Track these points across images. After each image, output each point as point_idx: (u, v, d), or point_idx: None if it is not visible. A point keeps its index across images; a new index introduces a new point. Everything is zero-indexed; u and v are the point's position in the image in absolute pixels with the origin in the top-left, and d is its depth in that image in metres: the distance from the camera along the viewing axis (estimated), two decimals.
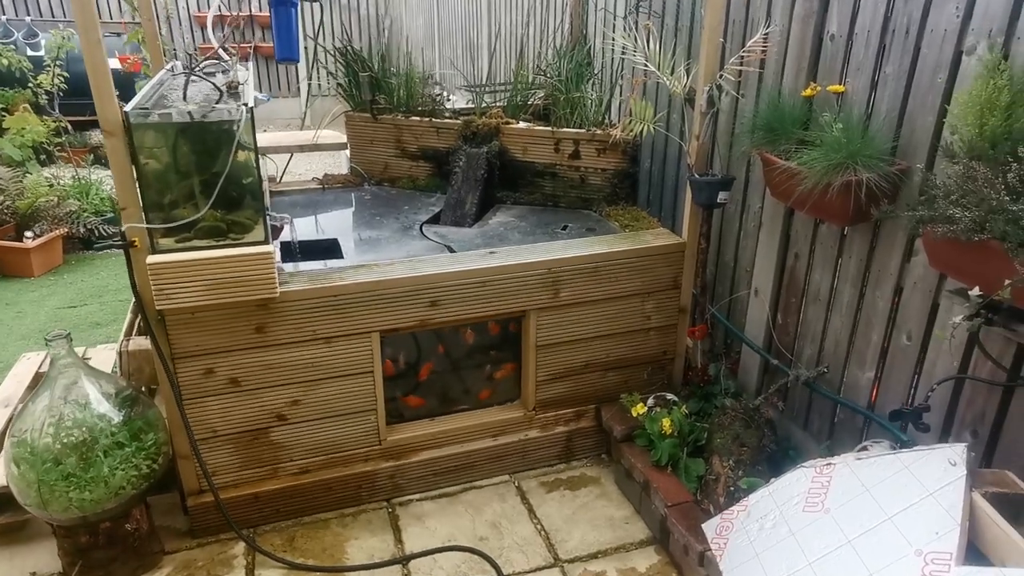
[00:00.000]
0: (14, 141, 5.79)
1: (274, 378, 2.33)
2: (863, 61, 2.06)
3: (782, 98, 2.28)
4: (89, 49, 1.83)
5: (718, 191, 2.41)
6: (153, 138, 2.00)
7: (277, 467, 2.46)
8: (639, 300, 2.68)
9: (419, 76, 3.35)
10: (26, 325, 4.14)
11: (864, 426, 2.26)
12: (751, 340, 2.67)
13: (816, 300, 2.38)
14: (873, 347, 2.17)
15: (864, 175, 1.88)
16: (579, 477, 2.76)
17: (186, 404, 2.25)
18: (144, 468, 2.14)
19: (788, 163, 2.07)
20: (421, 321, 2.43)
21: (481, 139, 3.11)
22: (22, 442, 2.03)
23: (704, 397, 2.71)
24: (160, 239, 2.08)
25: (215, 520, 2.38)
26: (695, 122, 2.45)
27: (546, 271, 2.50)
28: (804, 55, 2.26)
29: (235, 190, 2.12)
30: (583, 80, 3.20)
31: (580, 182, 3.08)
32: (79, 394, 2.09)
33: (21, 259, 4.86)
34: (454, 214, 2.98)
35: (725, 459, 2.38)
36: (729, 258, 2.80)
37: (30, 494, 2.03)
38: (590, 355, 2.71)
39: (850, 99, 2.11)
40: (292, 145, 3.35)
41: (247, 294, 2.13)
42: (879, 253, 2.10)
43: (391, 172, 3.36)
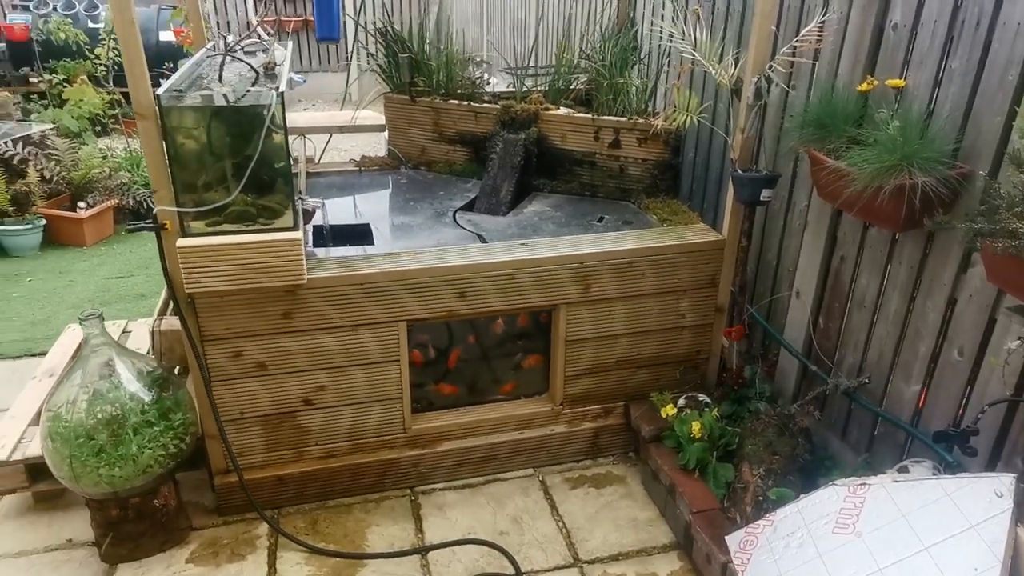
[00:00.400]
0: (72, 112, 5.96)
1: (301, 363, 2.34)
2: (927, 54, 1.91)
3: (835, 92, 2.15)
4: (122, 29, 1.83)
5: (762, 188, 2.30)
6: (185, 121, 2.00)
7: (302, 450, 2.48)
8: (674, 298, 2.59)
9: (459, 58, 3.29)
10: (76, 294, 4.27)
11: (906, 442, 2.15)
12: (790, 344, 2.56)
13: (861, 306, 2.26)
14: (921, 360, 2.05)
15: (920, 179, 1.75)
16: (604, 475, 2.71)
17: (214, 386, 2.28)
18: (172, 447, 2.17)
19: (837, 163, 1.95)
20: (449, 312, 2.40)
21: (519, 125, 3.04)
22: (56, 417, 2.08)
23: (738, 400, 2.62)
24: (191, 222, 2.08)
25: (241, 499, 2.41)
26: (740, 115, 2.34)
27: (578, 265, 2.44)
28: (863, 46, 2.12)
29: (266, 174, 2.11)
30: (628, 65, 3.09)
31: (619, 172, 2.99)
32: (111, 372, 2.13)
33: (75, 228, 5.01)
34: (488, 202, 2.93)
35: (755, 467, 2.29)
36: (771, 257, 2.69)
37: (63, 468, 2.08)
38: (621, 352, 2.64)
39: (910, 95, 1.97)
40: (331, 126, 3.33)
41: (275, 280, 2.13)
42: (932, 261, 1.97)
43: (428, 156, 3.32)
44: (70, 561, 2.29)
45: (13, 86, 7.57)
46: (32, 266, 4.68)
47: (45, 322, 3.91)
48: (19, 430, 2.52)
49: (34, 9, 7.87)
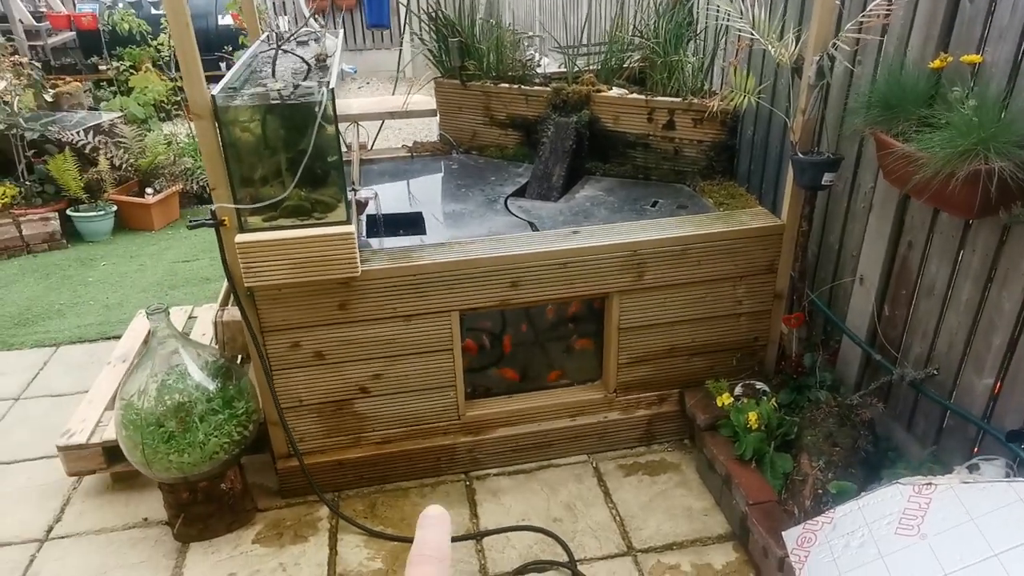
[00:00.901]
0: (138, 99, 6.17)
1: (356, 353, 2.39)
2: (1007, 27, 1.78)
3: (904, 70, 2.03)
4: (178, 33, 1.86)
5: (823, 172, 2.21)
6: (239, 120, 2.04)
7: (360, 436, 2.54)
8: (730, 284, 2.53)
9: (510, 40, 3.24)
10: (146, 278, 4.45)
11: (977, 437, 2.05)
12: (853, 331, 2.48)
13: (930, 294, 2.16)
14: (995, 352, 1.95)
15: (997, 164, 1.64)
16: (659, 462, 2.70)
17: (274, 375, 2.35)
18: (236, 435, 2.26)
19: (905, 146, 1.85)
20: (501, 301, 2.40)
21: (571, 108, 2.98)
22: (128, 405, 2.19)
23: (797, 389, 2.55)
24: (248, 218, 2.13)
25: (303, 483, 2.50)
26: (801, 95, 2.24)
27: (631, 253, 2.40)
28: (936, 20, 1.99)
29: (319, 168, 2.14)
30: (683, 42, 2.99)
31: (674, 154, 2.92)
32: (178, 363, 2.22)
33: (143, 214, 5.21)
34: (540, 187, 2.90)
35: (815, 459, 2.24)
36: (833, 240, 2.59)
37: (136, 454, 2.19)
38: (675, 339, 2.60)
39: (987, 72, 1.84)
40: (383, 112, 3.35)
41: (330, 273, 2.17)
42: (1010, 249, 1.86)
43: (479, 140, 3.31)
44: (146, 539, 2.42)
45: (84, 74, 7.87)
46: (105, 251, 4.90)
47: (118, 306, 4.10)
48: (96, 414, 2.66)
49: None
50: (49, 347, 3.70)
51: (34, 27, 7.97)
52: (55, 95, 5.75)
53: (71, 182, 4.94)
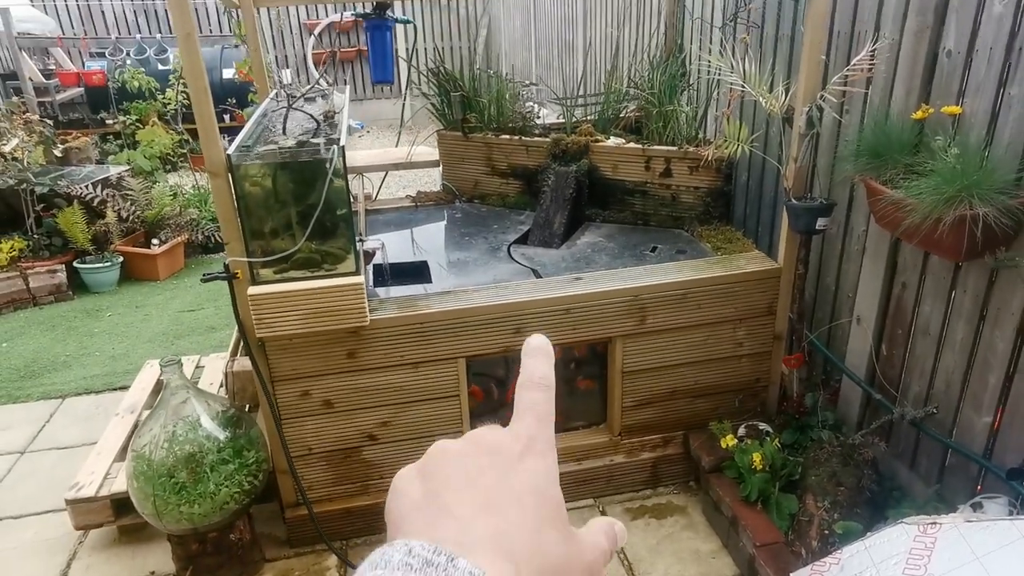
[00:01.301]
0: (145, 152, 6.31)
1: (365, 400, 2.42)
2: (984, 81, 1.88)
3: (889, 120, 2.12)
4: (197, 98, 1.95)
5: (817, 217, 2.28)
6: (253, 177, 2.12)
7: (368, 484, 2.56)
8: (731, 327, 2.58)
9: (510, 93, 3.36)
10: (152, 328, 4.50)
11: (980, 475, 2.08)
12: (852, 371, 2.52)
13: (926, 334, 2.21)
14: (991, 390, 2.00)
15: (981, 209, 1.72)
16: (665, 505, 2.71)
17: (284, 424, 2.38)
18: (246, 484, 2.28)
19: (894, 193, 1.93)
20: (506, 347, 2.45)
21: (570, 157, 3.08)
22: (140, 457, 2.22)
23: (799, 428, 2.58)
24: (260, 270, 2.20)
25: (311, 532, 2.51)
26: (793, 144, 2.33)
27: (632, 298, 2.46)
28: (916, 73, 2.09)
29: (329, 221, 2.21)
30: (677, 92, 3.10)
31: (671, 200, 3.00)
32: (189, 413, 2.26)
33: (149, 264, 5.29)
34: (542, 234, 2.98)
35: (820, 499, 2.26)
36: (830, 281, 2.65)
37: (147, 506, 2.21)
38: (678, 381, 2.64)
39: (967, 122, 1.93)
40: (387, 164, 3.45)
41: (340, 323, 2.23)
42: (999, 289, 1.92)
43: (481, 189, 3.40)
44: None
45: (91, 128, 8.05)
46: (111, 301, 4.95)
47: (124, 356, 4.14)
48: (105, 466, 2.68)
49: (110, 56, 8.36)
50: (55, 399, 3.72)
51: (43, 84, 8.18)
52: (64, 150, 5.88)
53: (79, 235, 5.03)
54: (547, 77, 7.01)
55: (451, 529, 0.39)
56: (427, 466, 0.43)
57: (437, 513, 0.40)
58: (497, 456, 0.42)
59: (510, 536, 0.39)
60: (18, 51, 7.62)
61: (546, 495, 0.42)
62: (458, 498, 0.40)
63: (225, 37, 8.99)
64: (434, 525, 0.39)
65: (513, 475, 0.41)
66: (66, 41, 9.14)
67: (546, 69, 7.23)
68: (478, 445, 0.43)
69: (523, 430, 0.43)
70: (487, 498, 0.40)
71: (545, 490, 0.42)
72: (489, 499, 0.40)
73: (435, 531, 0.39)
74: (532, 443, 0.43)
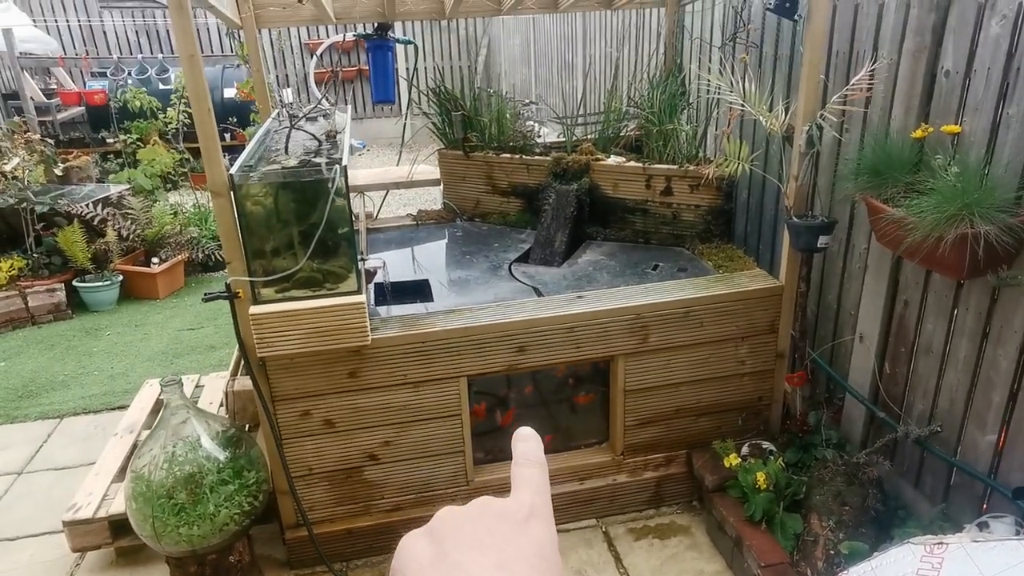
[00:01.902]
0: (145, 171, 6.33)
1: (366, 420, 2.41)
2: (982, 100, 1.89)
3: (889, 139, 2.14)
4: (200, 118, 1.96)
5: (818, 236, 2.29)
6: (256, 196, 2.12)
7: (369, 504, 2.54)
8: (733, 345, 2.58)
9: (510, 112, 3.38)
10: (151, 347, 4.48)
11: (985, 493, 2.07)
12: (855, 389, 2.51)
13: (928, 352, 2.21)
14: (995, 409, 1.99)
15: (982, 227, 1.72)
16: (668, 525, 2.69)
17: (284, 444, 2.37)
18: (246, 505, 2.26)
19: (895, 211, 1.93)
20: (508, 366, 2.44)
21: (571, 176, 3.09)
22: (139, 478, 2.20)
23: (803, 447, 2.57)
24: (261, 290, 2.19)
25: (311, 553, 2.48)
26: (793, 162, 2.34)
27: (634, 316, 2.46)
28: (915, 93, 2.11)
29: (331, 240, 2.21)
30: (676, 111, 3.12)
31: (672, 219, 3.01)
32: (189, 433, 2.24)
33: (148, 283, 5.28)
34: (543, 252, 2.98)
35: (825, 519, 2.24)
36: (832, 299, 2.65)
37: (145, 527, 2.19)
38: (681, 400, 2.63)
39: (967, 141, 1.95)
40: (388, 183, 3.46)
41: (341, 342, 2.22)
42: (1002, 308, 1.92)
43: (482, 208, 3.41)
44: None
45: (92, 147, 8.09)
46: (110, 320, 4.94)
47: (123, 375, 4.12)
48: (103, 487, 2.66)
49: (111, 75, 8.41)
50: (53, 419, 3.70)
51: (44, 103, 8.23)
52: (65, 169, 5.89)
53: (79, 253, 5.02)
54: (547, 96, 7.06)
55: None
56: (437, 529, 0.45)
57: (450, 572, 0.41)
58: (505, 521, 0.44)
59: None
60: (20, 71, 7.67)
61: (551, 559, 0.44)
62: (471, 558, 0.42)
63: (226, 57, 9.06)
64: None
65: (521, 538, 0.44)
66: (68, 61, 9.20)
67: (546, 88, 7.28)
68: (485, 510, 0.45)
69: (525, 499, 0.46)
70: (500, 558, 0.42)
71: (550, 554, 0.44)
72: (502, 559, 0.42)
73: None
74: (535, 510, 0.46)
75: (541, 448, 0.51)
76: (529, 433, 0.51)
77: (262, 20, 3.03)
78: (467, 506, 0.46)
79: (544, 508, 0.47)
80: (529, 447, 0.50)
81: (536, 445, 0.50)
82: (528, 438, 0.51)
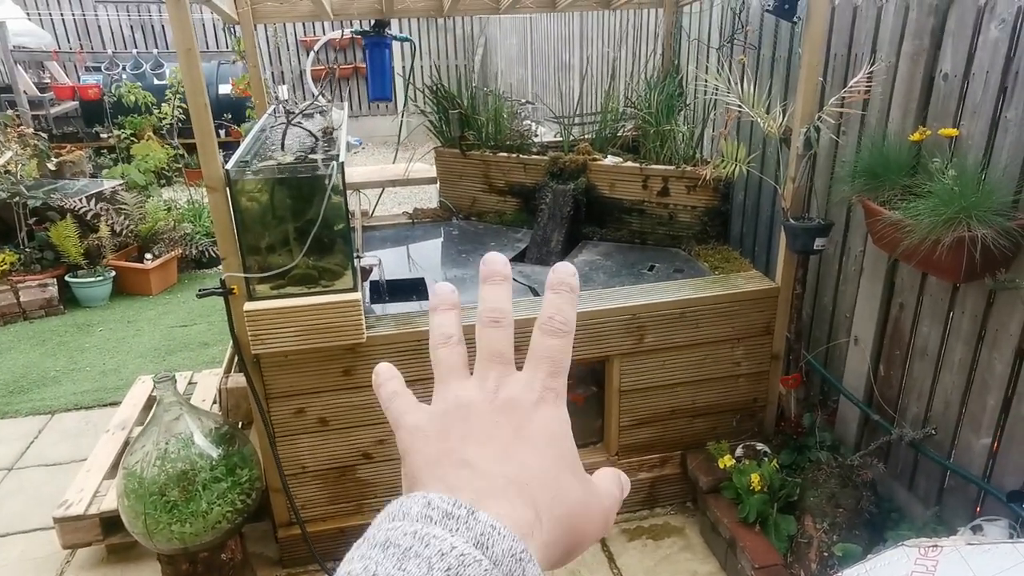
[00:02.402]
0: (139, 166, 6.29)
1: (360, 418, 2.40)
2: (980, 104, 1.90)
3: (886, 141, 2.14)
4: (196, 113, 1.95)
5: (815, 238, 2.29)
6: (251, 192, 2.11)
7: (363, 503, 2.53)
8: (728, 346, 2.58)
9: (507, 111, 3.37)
10: (143, 343, 4.46)
11: (979, 496, 2.07)
12: (850, 392, 2.52)
13: (924, 355, 2.21)
14: (990, 412, 1.99)
15: (979, 231, 1.73)
16: (662, 526, 2.68)
17: (278, 441, 2.35)
18: (239, 503, 2.25)
19: (892, 214, 1.94)
20: None
21: (568, 176, 3.09)
22: (131, 474, 2.18)
23: (797, 449, 2.57)
24: (256, 286, 2.18)
25: (304, 552, 2.47)
26: (790, 164, 2.34)
27: (630, 317, 2.45)
28: (913, 96, 2.11)
29: (327, 237, 2.20)
30: (674, 112, 3.12)
31: (669, 219, 3.01)
32: (182, 430, 2.23)
33: (141, 279, 5.25)
34: (539, 252, 2.98)
35: (819, 520, 2.24)
36: (827, 302, 2.65)
37: (137, 524, 2.17)
38: (675, 401, 2.63)
39: (964, 144, 1.95)
40: (384, 180, 3.45)
41: (336, 340, 2.21)
42: (997, 311, 1.93)
43: (479, 207, 3.40)
44: None
45: (85, 142, 8.04)
46: (102, 316, 4.91)
47: (115, 371, 4.09)
48: (95, 483, 2.64)
49: (105, 70, 8.36)
50: (44, 415, 3.67)
51: (37, 97, 8.17)
52: (58, 164, 5.85)
53: (71, 248, 4.99)
54: (543, 96, 7.05)
55: (470, 480, 0.39)
56: (443, 423, 0.43)
57: (455, 465, 0.40)
58: (512, 411, 0.42)
59: (529, 483, 0.40)
60: (13, 64, 7.61)
61: (562, 443, 0.42)
62: (476, 452, 0.41)
63: (222, 53, 9.02)
64: (452, 477, 0.40)
65: (529, 425, 0.42)
66: (62, 55, 9.14)
67: (543, 88, 7.28)
68: (493, 400, 0.43)
69: (537, 382, 0.43)
70: (504, 450, 0.41)
71: (561, 439, 0.43)
72: (507, 451, 0.41)
73: (454, 482, 0.39)
74: (546, 393, 0.43)
75: (575, 304, 0.45)
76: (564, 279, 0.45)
77: (259, 15, 3.01)
78: (473, 390, 0.44)
79: (558, 390, 0.44)
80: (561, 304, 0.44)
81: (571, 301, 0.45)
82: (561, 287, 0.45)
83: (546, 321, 0.45)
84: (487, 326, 0.46)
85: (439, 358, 0.47)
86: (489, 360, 0.45)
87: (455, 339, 0.48)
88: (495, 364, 0.45)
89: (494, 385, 0.44)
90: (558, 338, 0.45)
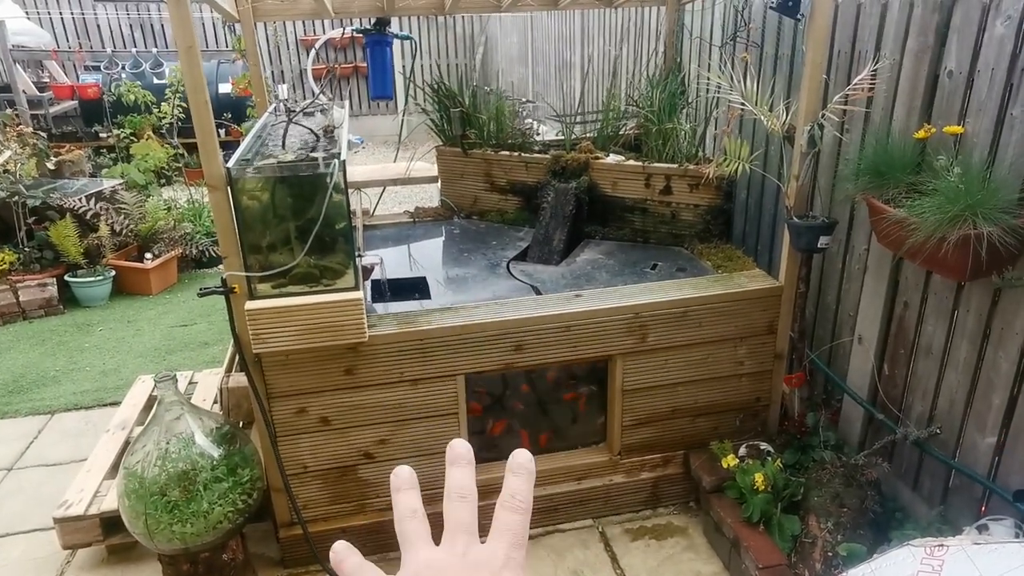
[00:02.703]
0: (139, 166, 6.28)
1: (362, 418, 2.39)
2: (986, 101, 1.89)
3: (891, 139, 2.13)
4: (197, 111, 1.93)
5: (819, 236, 2.28)
6: (253, 191, 2.09)
7: (364, 503, 2.52)
8: (731, 345, 2.57)
9: (509, 109, 3.36)
10: (143, 343, 4.44)
11: (984, 496, 2.06)
12: (854, 391, 2.51)
13: (928, 354, 2.20)
14: (995, 411, 1.98)
15: (985, 229, 1.71)
16: (665, 526, 2.67)
17: (279, 441, 2.34)
18: (240, 503, 2.24)
19: (897, 212, 1.92)
20: (506, 364, 2.43)
21: (570, 174, 3.08)
22: (132, 474, 2.17)
23: (801, 448, 2.56)
24: (257, 285, 2.17)
25: (305, 552, 2.46)
26: (794, 162, 2.33)
27: (633, 315, 2.44)
28: (917, 93, 2.10)
29: (328, 236, 2.19)
30: (676, 110, 3.11)
31: (671, 218, 3.00)
32: (183, 430, 2.21)
33: (141, 278, 5.23)
34: (541, 251, 2.96)
35: (823, 520, 2.23)
36: (831, 300, 2.64)
37: (138, 525, 2.16)
38: (678, 400, 2.62)
39: (970, 142, 1.94)
40: (386, 179, 3.43)
41: (338, 339, 2.20)
42: (1003, 309, 1.92)
43: (480, 205, 3.39)
44: None
45: (84, 142, 8.02)
46: (102, 316, 4.89)
47: (115, 371, 4.08)
48: (95, 484, 2.63)
49: (105, 69, 8.35)
50: (44, 415, 3.66)
51: (36, 97, 8.15)
52: (57, 163, 5.84)
53: (71, 248, 4.98)
54: (544, 94, 7.04)
55: None
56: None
57: None
58: (482, 571, 0.48)
59: None
60: (12, 64, 7.59)
61: None
62: None
63: (221, 52, 9.01)
64: None
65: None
66: (61, 54, 9.12)
67: (544, 86, 7.26)
68: (463, 561, 0.49)
69: (501, 551, 0.49)
70: None
71: None
72: None
73: None
74: (509, 561, 0.49)
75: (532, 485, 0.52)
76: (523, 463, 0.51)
77: (260, 13, 3.00)
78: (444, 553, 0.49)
79: (519, 559, 0.49)
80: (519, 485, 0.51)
81: (527, 481, 0.51)
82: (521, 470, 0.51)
83: (508, 499, 0.51)
84: (455, 501, 0.52)
85: (406, 529, 0.53)
86: (456, 530, 0.51)
87: (420, 513, 0.53)
88: (462, 533, 0.51)
89: (462, 549, 0.49)
90: (518, 514, 0.51)
